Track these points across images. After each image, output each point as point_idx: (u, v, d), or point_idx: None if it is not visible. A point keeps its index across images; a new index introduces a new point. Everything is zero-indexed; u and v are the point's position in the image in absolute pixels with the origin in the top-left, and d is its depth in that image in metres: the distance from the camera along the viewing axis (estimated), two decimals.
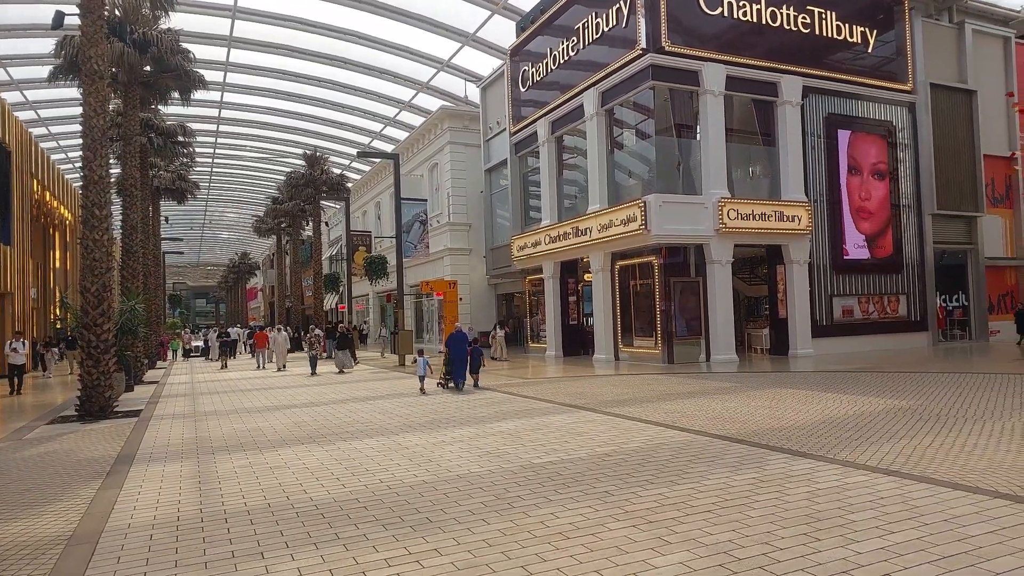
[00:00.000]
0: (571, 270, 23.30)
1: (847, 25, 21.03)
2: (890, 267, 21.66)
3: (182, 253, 74.42)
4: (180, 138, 27.90)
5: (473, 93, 32.48)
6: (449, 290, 27.93)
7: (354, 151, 41.37)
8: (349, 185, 40.97)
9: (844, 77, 20.93)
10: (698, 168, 18.88)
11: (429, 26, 28.95)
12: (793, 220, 19.16)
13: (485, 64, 31.54)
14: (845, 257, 20.77)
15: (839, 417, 9.27)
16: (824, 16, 20.58)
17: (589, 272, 21.25)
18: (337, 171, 41.48)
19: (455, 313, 27.08)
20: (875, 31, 21.60)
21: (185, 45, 21.41)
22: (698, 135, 19.05)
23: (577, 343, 23.17)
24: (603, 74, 19.77)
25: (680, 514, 5.20)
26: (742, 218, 18.38)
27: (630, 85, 18.95)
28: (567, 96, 21.65)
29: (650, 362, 18.73)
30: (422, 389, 14.60)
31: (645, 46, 18.10)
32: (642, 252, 19.16)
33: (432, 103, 35.46)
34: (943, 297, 23.36)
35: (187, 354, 36.94)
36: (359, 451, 8.23)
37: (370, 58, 32.62)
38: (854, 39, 21.20)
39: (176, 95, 21.95)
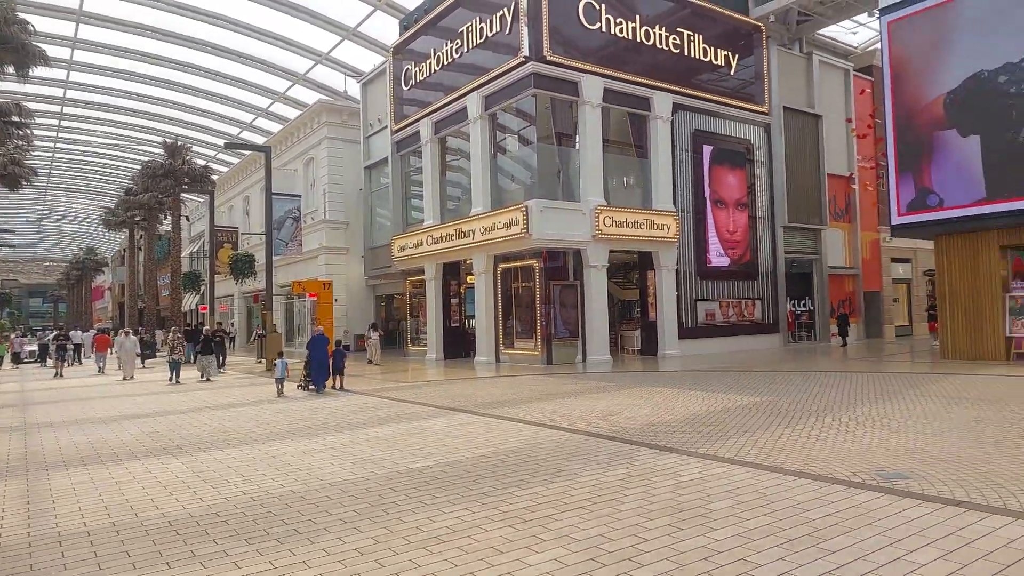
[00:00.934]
0: (453, 272, 23.21)
1: (712, 48, 22.52)
2: (747, 274, 23.42)
3: (14, 247, 66.53)
4: (15, 118, 24.90)
5: (353, 88, 31.59)
6: (323, 291, 26.88)
7: (221, 141, 38.96)
8: (215, 177, 38.45)
9: (709, 96, 22.39)
10: (577, 175, 19.43)
11: (308, 17, 27.86)
12: (663, 228, 20.21)
13: (367, 59, 30.85)
14: (708, 264, 22.19)
15: (702, 413, 9.85)
16: (692, 39, 21.92)
17: (472, 274, 21.26)
18: (201, 162, 38.83)
19: (330, 315, 26.12)
20: (737, 56, 23.30)
21: (24, 15, 19.17)
22: (577, 144, 19.61)
23: (459, 345, 23.10)
24: (486, 78, 19.88)
25: (555, 511, 5.26)
26: (617, 225, 19.13)
27: (513, 91, 19.19)
28: (451, 98, 21.57)
29: (530, 363, 19.02)
30: (280, 392, 14.43)
31: (527, 54, 18.39)
32: (524, 255, 19.44)
33: (309, 96, 34.14)
34: (792, 302, 25.56)
35: (17, 360, 32.94)
36: (220, 462, 7.65)
37: (242, 45, 30.89)
38: (718, 62, 22.74)
39: (11, 70, 19.55)
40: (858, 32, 29.44)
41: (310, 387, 14.70)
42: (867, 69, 28.36)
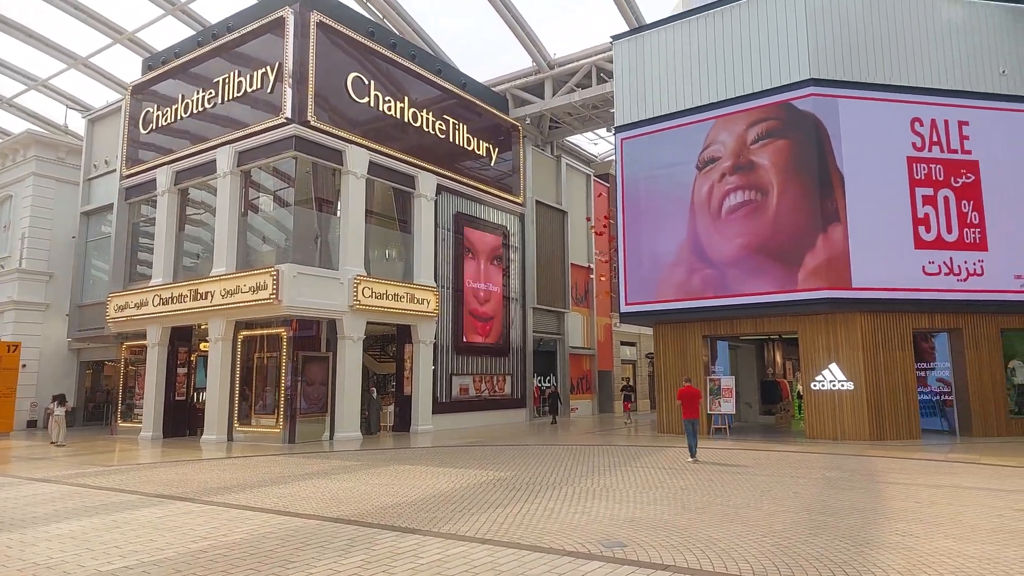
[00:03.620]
0: (184, 337, 20.70)
1: (476, 139, 24.05)
2: (500, 351, 24.47)
3: None
4: None
5: (77, 123, 27.65)
6: (7, 354, 22.13)
7: None
8: None
9: (471, 183, 23.66)
10: (337, 243, 18.89)
11: (24, 36, 24.06)
12: (423, 303, 20.38)
13: (97, 94, 27.41)
14: (465, 340, 22.76)
15: (448, 491, 9.68)
16: (457, 127, 23.20)
17: (206, 340, 19.13)
18: None
19: (13, 383, 21.42)
20: (497, 149, 25.15)
21: None
22: (339, 212, 19.18)
23: (183, 422, 20.34)
24: (242, 134, 18.73)
25: None
26: (376, 297, 18.83)
27: (271, 150, 18.29)
28: (198, 148, 19.84)
29: (270, 442, 17.39)
30: None
31: (290, 116, 17.79)
32: (271, 323, 18.07)
33: (15, 124, 29.08)
34: (539, 378, 27.18)
35: None
36: None
37: None
38: (481, 152, 24.30)
39: None
40: (598, 144, 33.89)
41: None
42: (604, 176, 32.51)
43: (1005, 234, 17.43)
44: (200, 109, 20.10)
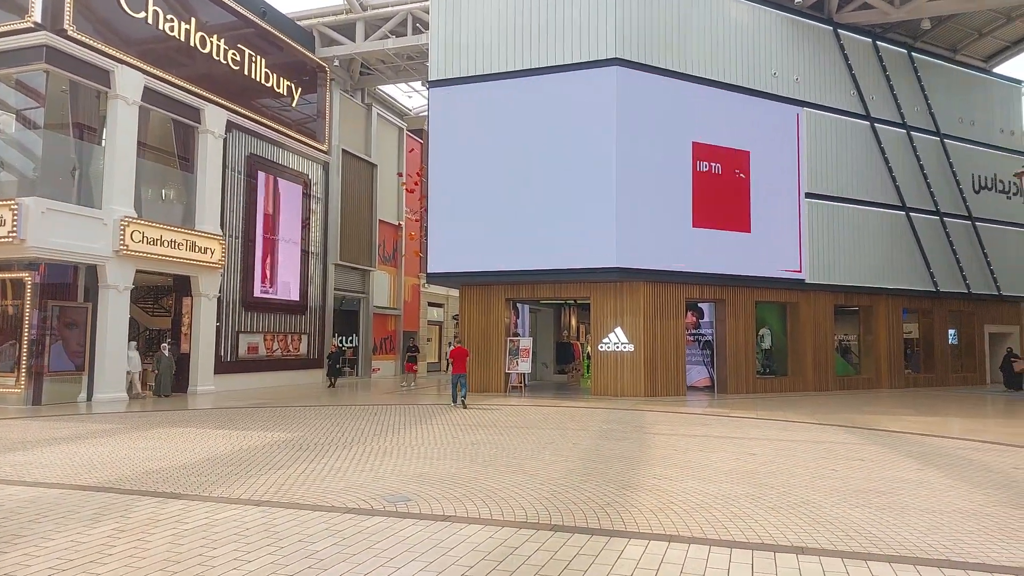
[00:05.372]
0: None
1: (275, 76, 22.07)
2: (296, 308, 23.10)
3: None
4: None
5: None
6: None
7: None
8: None
9: (268, 123, 21.72)
10: (100, 178, 16.32)
11: None
12: (206, 252, 18.47)
13: None
14: (255, 295, 21.11)
15: (225, 454, 8.94)
16: (254, 60, 21.10)
17: None
18: None
19: None
20: (300, 90, 23.33)
21: None
22: (104, 141, 16.56)
23: None
24: None
25: None
26: (149, 242, 16.68)
27: (15, 59, 15.21)
28: None
29: (7, 404, 14.83)
30: None
31: (40, 21, 14.90)
32: (11, 266, 15.24)
33: None
34: (340, 338, 26.20)
35: None
36: None
37: None
38: (280, 91, 22.38)
39: None
40: (413, 97, 32.95)
41: None
42: (419, 132, 31.76)
43: (764, 218, 19.93)
44: None
